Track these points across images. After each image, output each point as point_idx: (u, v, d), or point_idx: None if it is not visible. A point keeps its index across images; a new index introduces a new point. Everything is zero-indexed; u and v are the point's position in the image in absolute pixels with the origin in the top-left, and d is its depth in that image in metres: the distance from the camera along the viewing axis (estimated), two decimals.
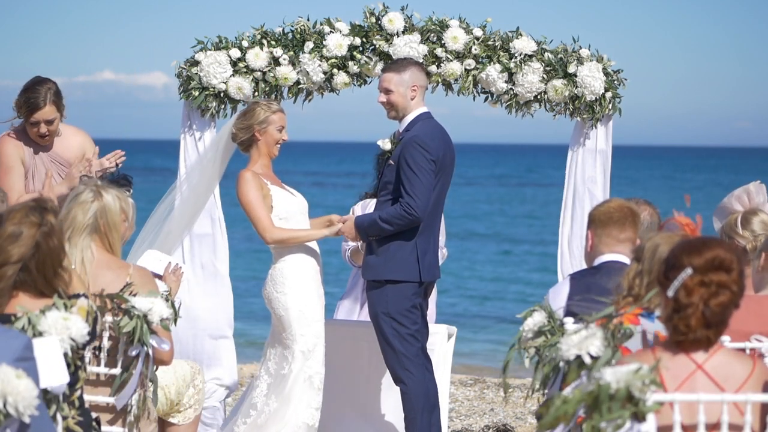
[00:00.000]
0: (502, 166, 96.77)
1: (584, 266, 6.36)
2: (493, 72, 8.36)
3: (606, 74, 8.44)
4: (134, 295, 5.66)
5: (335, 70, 8.31)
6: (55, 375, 4.67)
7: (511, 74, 8.40)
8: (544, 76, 8.40)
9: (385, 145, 7.67)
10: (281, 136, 7.69)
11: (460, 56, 8.37)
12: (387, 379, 7.85)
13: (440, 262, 8.60)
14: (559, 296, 5.97)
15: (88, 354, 5.37)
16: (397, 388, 7.56)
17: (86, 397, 5.40)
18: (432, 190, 7.44)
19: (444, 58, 8.35)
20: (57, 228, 4.97)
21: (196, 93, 8.31)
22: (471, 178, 74.24)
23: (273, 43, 8.34)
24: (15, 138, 7.72)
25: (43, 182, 7.61)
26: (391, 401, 8.00)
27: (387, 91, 7.61)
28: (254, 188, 7.59)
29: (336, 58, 8.30)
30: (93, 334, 5.05)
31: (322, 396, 7.55)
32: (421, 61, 8.11)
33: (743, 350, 5.56)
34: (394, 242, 7.48)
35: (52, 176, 7.67)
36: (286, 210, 7.63)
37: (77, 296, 5.05)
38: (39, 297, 4.97)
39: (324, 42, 8.30)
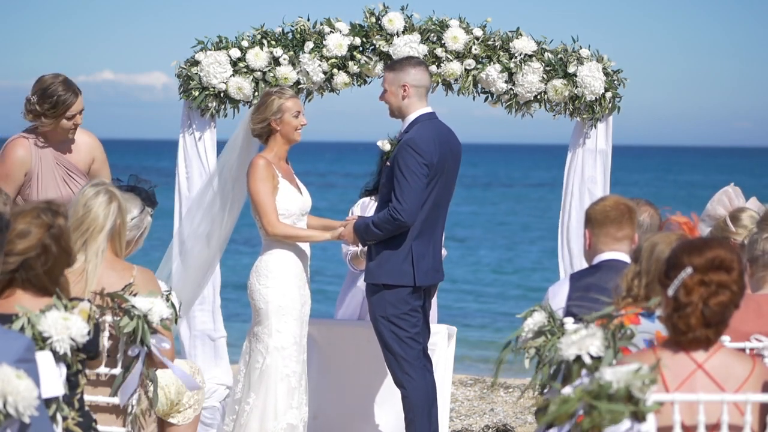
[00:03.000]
0: (474, 167, 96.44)
1: (584, 266, 6.36)
2: (493, 72, 8.36)
3: (606, 74, 8.44)
4: (134, 295, 5.66)
5: (335, 70, 8.31)
6: (49, 386, 4.69)
7: (511, 74, 8.39)
8: (544, 76, 8.39)
9: (385, 146, 7.66)
10: (299, 122, 7.66)
11: (460, 56, 8.36)
12: (387, 378, 7.86)
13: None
14: (558, 296, 5.97)
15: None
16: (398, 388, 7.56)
17: (86, 398, 5.40)
18: (422, 194, 7.37)
19: (444, 58, 8.35)
20: (66, 231, 5.02)
21: (196, 93, 8.31)
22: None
23: (273, 43, 8.34)
24: (28, 143, 7.66)
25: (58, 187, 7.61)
26: (391, 401, 8.00)
27: (383, 90, 7.60)
28: (265, 178, 7.54)
29: (336, 58, 8.30)
30: (96, 343, 5.07)
31: (304, 394, 7.55)
32: (418, 58, 8.05)
33: (743, 350, 5.56)
34: (389, 246, 7.45)
35: (66, 180, 7.67)
36: (287, 209, 7.61)
37: (80, 300, 5.07)
38: (41, 296, 4.99)
39: (324, 42, 8.30)
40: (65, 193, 7.63)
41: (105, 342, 5.65)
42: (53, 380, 4.77)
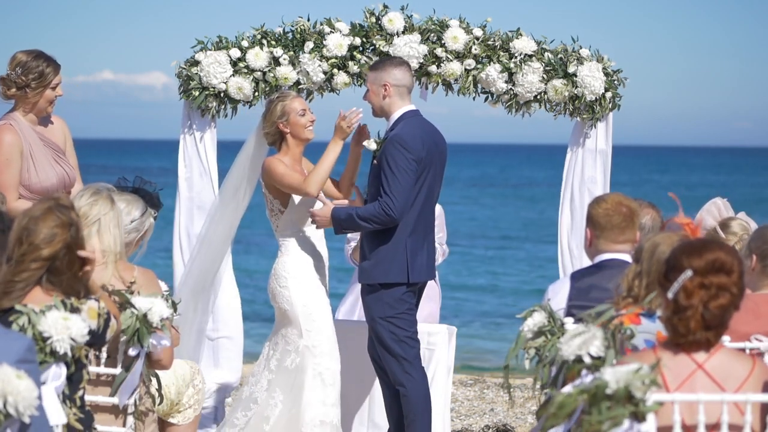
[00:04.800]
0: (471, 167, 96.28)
1: (584, 265, 6.35)
2: (493, 72, 8.36)
3: (606, 74, 8.44)
4: (135, 294, 5.67)
5: (335, 70, 8.31)
6: (54, 417, 4.72)
7: (511, 74, 8.40)
8: (544, 76, 8.39)
9: (370, 145, 7.68)
10: (307, 119, 7.68)
11: (460, 56, 8.36)
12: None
13: (441, 260, 8.69)
14: (558, 295, 5.97)
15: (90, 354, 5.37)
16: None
17: (86, 398, 5.40)
18: (412, 190, 7.40)
19: (444, 58, 8.35)
20: (80, 224, 5.06)
21: (196, 93, 8.31)
22: None
23: (273, 43, 8.34)
24: (14, 127, 7.67)
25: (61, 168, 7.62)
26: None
27: (366, 90, 7.66)
28: (282, 165, 7.59)
29: (336, 58, 8.30)
30: (104, 337, 5.08)
31: (338, 391, 7.55)
32: (407, 60, 8.00)
33: (743, 350, 5.57)
34: (383, 245, 7.47)
35: (57, 160, 7.67)
36: (297, 210, 7.65)
37: (88, 298, 5.08)
38: (57, 293, 5.01)
39: (324, 42, 8.30)
40: (59, 173, 7.63)
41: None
42: (57, 411, 4.78)
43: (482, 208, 53.53)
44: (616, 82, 8.50)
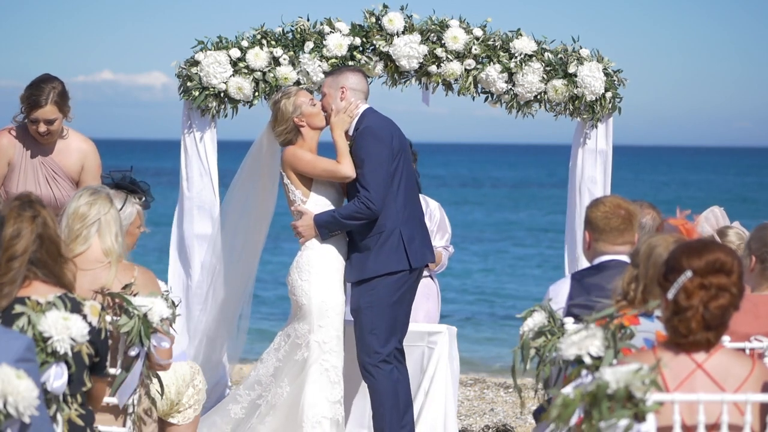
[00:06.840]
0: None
1: (582, 266, 6.36)
2: (493, 72, 8.36)
3: (606, 74, 8.45)
4: (134, 295, 5.68)
5: None
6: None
7: (511, 74, 8.40)
8: (544, 76, 8.40)
9: None
10: (318, 107, 7.71)
11: (460, 56, 8.37)
12: None
13: (447, 261, 8.75)
14: (559, 295, 5.97)
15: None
16: None
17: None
18: (387, 180, 7.47)
19: (444, 58, 8.36)
20: (49, 215, 5.06)
21: (197, 93, 8.31)
22: None
23: (273, 43, 8.35)
24: (13, 135, 7.69)
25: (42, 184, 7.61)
26: None
27: (322, 96, 7.72)
28: (308, 153, 7.62)
29: (336, 58, 8.30)
30: (105, 349, 5.09)
31: (341, 389, 7.57)
32: (357, 66, 8.09)
33: (743, 350, 5.57)
34: (379, 237, 7.51)
35: (48, 180, 7.66)
36: (320, 198, 7.67)
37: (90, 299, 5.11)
38: (54, 285, 5.02)
39: (324, 42, 8.31)
40: (45, 193, 7.62)
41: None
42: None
43: (472, 209, 53.55)
44: (616, 82, 8.51)
